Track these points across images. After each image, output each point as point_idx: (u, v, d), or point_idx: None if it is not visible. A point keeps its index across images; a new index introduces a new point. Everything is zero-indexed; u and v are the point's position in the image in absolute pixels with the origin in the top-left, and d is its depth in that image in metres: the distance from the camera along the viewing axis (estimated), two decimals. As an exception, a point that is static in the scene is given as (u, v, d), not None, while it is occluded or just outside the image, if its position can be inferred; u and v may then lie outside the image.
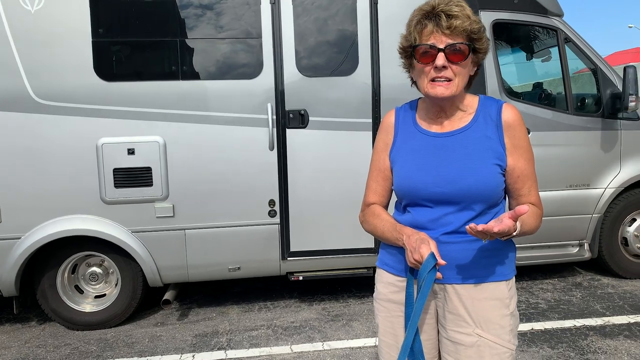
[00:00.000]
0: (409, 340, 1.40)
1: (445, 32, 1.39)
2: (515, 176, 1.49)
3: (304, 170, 3.90)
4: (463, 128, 1.50)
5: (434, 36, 1.40)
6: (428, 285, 1.37)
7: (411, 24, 1.46)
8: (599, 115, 4.34)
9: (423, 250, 1.38)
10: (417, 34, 1.43)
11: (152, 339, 3.74)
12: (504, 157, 1.47)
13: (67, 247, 3.82)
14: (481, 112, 1.52)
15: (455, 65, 1.42)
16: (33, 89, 3.59)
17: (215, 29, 3.74)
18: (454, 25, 1.38)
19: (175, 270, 3.90)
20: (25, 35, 3.55)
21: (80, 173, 3.68)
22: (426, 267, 1.36)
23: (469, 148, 1.47)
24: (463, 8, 1.41)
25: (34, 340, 3.81)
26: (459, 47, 1.40)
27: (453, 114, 1.53)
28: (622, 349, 3.29)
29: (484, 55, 1.49)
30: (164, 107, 3.71)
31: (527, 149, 1.50)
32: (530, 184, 1.51)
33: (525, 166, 1.49)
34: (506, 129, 1.48)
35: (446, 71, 1.41)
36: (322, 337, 3.63)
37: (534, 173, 1.52)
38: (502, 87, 4.21)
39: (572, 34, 4.33)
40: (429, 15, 1.42)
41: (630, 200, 4.47)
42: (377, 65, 3.89)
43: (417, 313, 1.39)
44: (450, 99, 1.47)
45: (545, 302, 4.16)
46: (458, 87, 1.44)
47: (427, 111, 1.58)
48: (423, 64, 1.44)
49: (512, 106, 1.51)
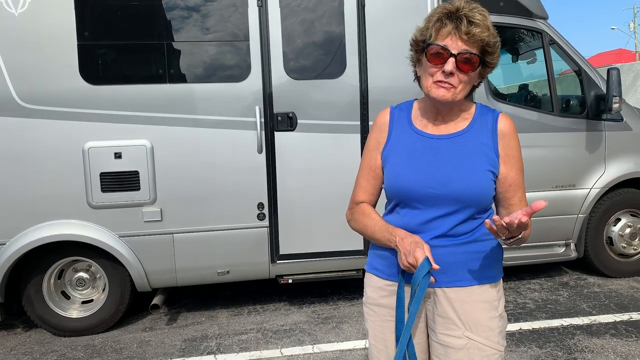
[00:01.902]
0: (404, 345, 1.41)
1: (462, 37, 1.38)
2: (507, 185, 1.50)
3: (293, 173, 3.90)
4: (459, 132, 1.51)
5: (451, 38, 1.39)
6: (423, 290, 1.37)
7: (431, 19, 1.44)
8: (583, 117, 4.40)
9: (418, 255, 1.38)
10: (435, 31, 1.42)
11: (140, 344, 3.71)
12: (497, 164, 1.48)
13: (53, 253, 3.77)
14: (478, 119, 1.52)
15: (462, 74, 1.41)
16: (17, 93, 3.54)
17: (202, 32, 3.73)
18: (472, 32, 1.37)
19: (164, 275, 3.87)
20: (9, 38, 3.50)
21: (67, 177, 3.64)
22: (421, 271, 1.36)
23: (463, 152, 1.48)
24: (485, 18, 1.40)
25: (20, 347, 3.75)
26: (470, 57, 1.39)
27: (450, 118, 1.53)
28: (608, 348, 3.33)
29: (491, 70, 1.49)
30: (151, 111, 3.68)
31: (519, 159, 1.51)
32: (521, 195, 1.52)
33: (517, 176, 1.51)
34: (501, 137, 1.49)
35: (452, 78, 1.41)
36: (312, 340, 3.63)
37: (524, 184, 1.53)
38: (489, 89, 4.25)
39: (556, 36, 4.39)
40: (451, 16, 1.40)
41: (615, 200, 4.54)
42: (364, 67, 3.90)
43: (412, 318, 1.39)
44: (450, 103, 1.47)
45: (532, 302, 4.20)
46: (460, 95, 1.44)
47: (423, 112, 1.57)
48: (432, 64, 1.43)
49: (508, 117, 1.53)
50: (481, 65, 1.43)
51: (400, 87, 3.89)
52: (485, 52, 1.42)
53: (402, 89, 3.87)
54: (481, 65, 1.43)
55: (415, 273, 1.39)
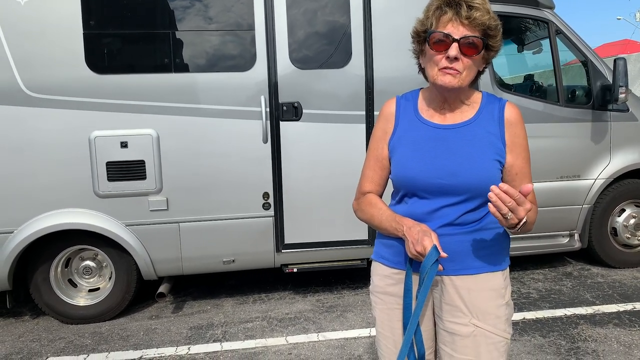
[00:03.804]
0: (411, 332, 1.42)
1: (463, 22, 1.39)
2: (514, 173, 1.51)
3: (298, 162, 3.91)
4: (466, 122, 1.51)
5: (452, 24, 1.40)
6: (431, 278, 1.38)
7: (430, 8, 1.45)
8: (589, 107, 4.38)
9: (426, 243, 1.39)
10: (435, 19, 1.43)
11: (147, 332, 3.75)
12: (504, 153, 1.49)
13: (60, 241, 3.81)
14: (484, 108, 1.53)
15: (466, 58, 1.42)
16: (24, 82, 3.55)
17: (208, 21, 3.72)
18: (473, 16, 1.38)
19: (170, 263, 3.90)
20: (16, 27, 3.51)
21: (73, 166, 3.66)
22: (429, 260, 1.37)
23: (471, 142, 1.48)
24: (484, 2, 1.41)
25: (28, 334, 3.80)
26: (473, 40, 1.40)
27: (456, 107, 1.53)
28: (611, 337, 3.35)
29: (495, 54, 1.49)
30: (157, 100, 3.69)
31: (525, 148, 1.52)
32: (528, 183, 1.52)
33: (524, 165, 1.51)
34: (508, 126, 1.50)
35: (457, 63, 1.41)
36: (317, 328, 3.66)
37: (530, 173, 1.54)
38: (494, 79, 4.23)
39: (563, 26, 4.36)
40: (450, 3, 1.41)
41: (620, 190, 4.53)
42: (370, 57, 3.89)
43: (420, 305, 1.41)
44: (456, 90, 1.47)
45: (536, 292, 4.22)
46: (465, 80, 1.44)
47: (429, 102, 1.57)
48: (435, 52, 1.43)
49: (514, 105, 1.53)
50: (484, 49, 1.44)
51: (406, 77, 3.88)
52: (487, 35, 1.43)
53: (408, 79, 3.86)
54: (484, 49, 1.44)
55: (423, 261, 1.40)
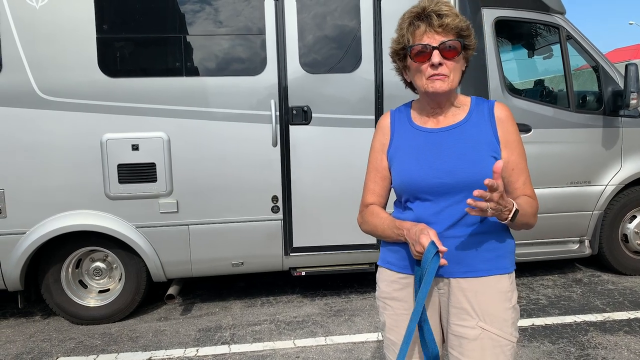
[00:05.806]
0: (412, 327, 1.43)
1: (437, 31, 1.46)
2: (510, 169, 1.55)
3: (307, 166, 3.92)
4: (458, 123, 1.56)
5: (427, 35, 1.47)
6: (432, 271, 1.40)
7: (403, 26, 1.53)
8: (600, 113, 4.36)
9: (423, 241, 1.42)
10: (411, 34, 1.50)
11: (156, 333, 3.77)
12: (499, 150, 1.53)
13: (71, 242, 3.85)
14: (475, 109, 1.58)
15: (449, 61, 1.48)
16: (38, 85, 3.61)
17: (219, 25, 3.76)
18: (445, 23, 1.46)
19: (179, 266, 3.92)
20: (30, 31, 3.57)
21: (85, 169, 3.70)
22: (428, 255, 1.40)
23: (465, 141, 1.53)
24: (451, 7, 1.49)
25: (39, 334, 3.84)
26: (451, 44, 1.47)
27: (448, 111, 1.59)
28: (622, 345, 3.32)
29: (472, 51, 1.56)
30: (168, 103, 3.73)
31: (519, 143, 1.56)
32: (525, 178, 1.56)
33: (519, 160, 1.55)
34: (499, 123, 1.55)
35: (442, 68, 1.47)
36: (325, 332, 3.66)
37: (527, 168, 1.58)
38: (504, 84, 4.23)
39: (574, 32, 4.35)
40: (420, 16, 1.49)
41: (631, 197, 4.49)
42: (380, 61, 3.91)
43: (422, 298, 1.42)
44: (448, 94, 1.53)
45: (545, 298, 4.19)
46: (454, 82, 1.51)
47: (421, 110, 1.63)
48: (419, 63, 1.50)
49: (503, 104, 1.60)
50: (463, 49, 1.50)
51: (415, 81, 3.88)
52: (461, 36, 1.50)
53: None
54: (463, 49, 1.50)
55: (422, 257, 1.42)
